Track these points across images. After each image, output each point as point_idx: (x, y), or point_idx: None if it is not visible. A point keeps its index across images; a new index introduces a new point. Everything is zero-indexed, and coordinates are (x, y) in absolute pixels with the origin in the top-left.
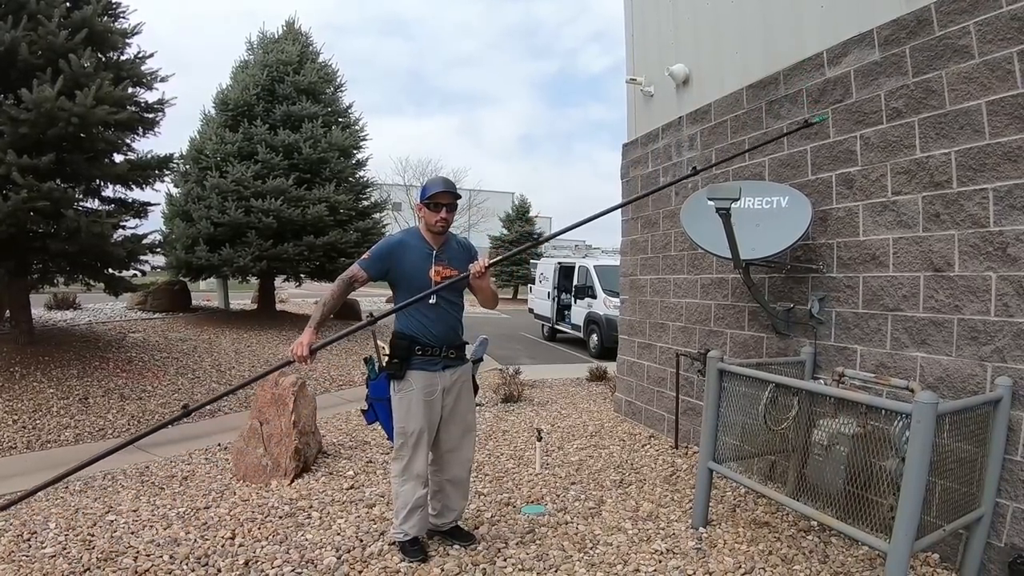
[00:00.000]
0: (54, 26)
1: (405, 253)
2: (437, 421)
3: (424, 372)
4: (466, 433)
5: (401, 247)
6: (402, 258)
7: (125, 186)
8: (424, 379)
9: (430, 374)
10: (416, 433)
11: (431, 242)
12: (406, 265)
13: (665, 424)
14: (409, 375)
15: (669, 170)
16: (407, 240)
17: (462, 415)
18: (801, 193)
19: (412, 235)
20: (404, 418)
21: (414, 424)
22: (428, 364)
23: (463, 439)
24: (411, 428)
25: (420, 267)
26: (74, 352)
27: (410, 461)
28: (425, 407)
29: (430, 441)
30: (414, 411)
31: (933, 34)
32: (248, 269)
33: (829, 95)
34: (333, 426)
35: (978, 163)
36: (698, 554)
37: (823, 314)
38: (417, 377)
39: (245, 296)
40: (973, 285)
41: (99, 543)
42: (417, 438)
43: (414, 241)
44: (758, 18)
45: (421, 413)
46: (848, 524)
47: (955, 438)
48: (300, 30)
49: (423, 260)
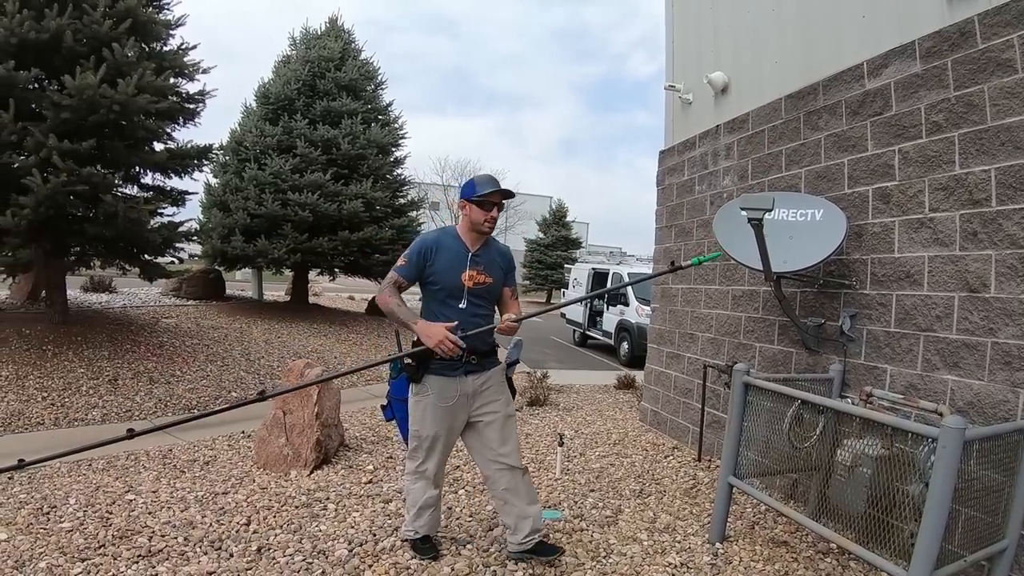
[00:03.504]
0: (99, 15)
1: (440, 253)
2: (459, 427)
3: (442, 377)
4: (507, 439)
5: (436, 246)
6: (436, 258)
7: (164, 174)
8: (441, 384)
9: (448, 380)
10: (430, 438)
11: (469, 244)
12: (439, 266)
13: (689, 436)
14: (426, 379)
15: (705, 179)
16: (442, 239)
17: (498, 420)
18: (836, 207)
19: (448, 235)
20: (419, 422)
21: (428, 429)
22: (447, 369)
23: (505, 445)
24: (425, 433)
25: (454, 269)
26: (106, 334)
27: (424, 462)
28: (441, 413)
29: (447, 446)
30: (429, 416)
31: (976, 47)
32: (282, 261)
33: (868, 107)
34: (357, 420)
35: (1018, 181)
36: (712, 570)
37: (854, 331)
38: (434, 382)
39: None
40: (1009, 308)
41: (116, 521)
42: (431, 443)
43: (450, 241)
44: (798, 27)
45: (435, 419)
46: (866, 549)
47: (982, 466)
48: (343, 27)
49: (458, 262)
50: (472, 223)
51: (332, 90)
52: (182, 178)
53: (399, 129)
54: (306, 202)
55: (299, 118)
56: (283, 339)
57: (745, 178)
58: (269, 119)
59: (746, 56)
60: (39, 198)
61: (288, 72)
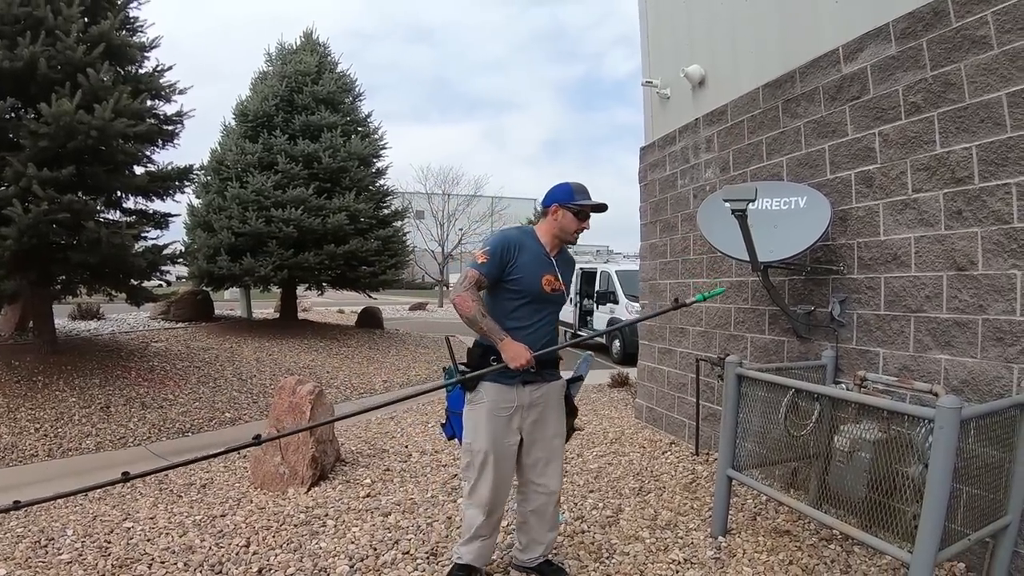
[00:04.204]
0: (72, 41)
1: (523, 252)
2: (513, 445)
3: (497, 385)
4: (552, 461)
5: (520, 245)
6: (519, 256)
7: (146, 197)
8: (497, 392)
9: (506, 388)
10: (483, 453)
11: (548, 247)
12: (522, 265)
13: (686, 430)
14: (481, 386)
15: (687, 172)
16: (524, 239)
17: (547, 440)
18: (819, 193)
19: (529, 235)
20: (472, 434)
21: (481, 442)
22: (503, 377)
23: (548, 467)
24: (477, 446)
25: (535, 271)
26: (96, 361)
27: (476, 484)
28: (495, 424)
29: (501, 468)
30: (482, 427)
31: (950, 26)
32: (269, 278)
33: (846, 92)
34: (352, 434)
35: (1000, 157)
36: (716, 564)
37: (844, 316)
38: (489, 389)
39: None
40: (998, 284)
41: (115, 550)
42: (484, 458)
43: (531, 242)
44: (773, 16)
45: (490, 430)
46: (869, 534)
47: (981, 443)
48: (318, 40)
49: (540, 265)
50: (561, 229)
51: (310, 104)
52: (164, 200)
53: (379, 140)
54: (290, 218)
55: (279, 134)
56: (274, 356)
57: (727, 169)
58: (249, 136)
59: (722, 47)
60: (21, 228)
61: (265, 88)
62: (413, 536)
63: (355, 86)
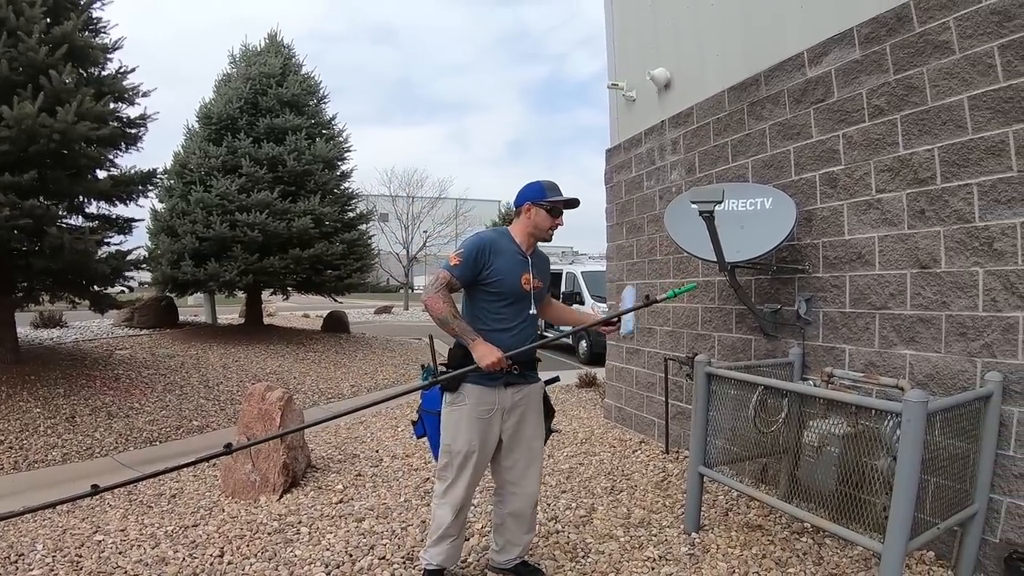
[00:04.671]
0: (34, 42)
1: (498, 254)
2: (493, 445)
3: (480, 387)
4: (531, 463)
5: (494, 246)
6: (495, 259)
7: (108, 202)
8: (479, 394)
9: (487, 390)
10: (463, 454)
11: (523, 247)
12: (498, 268)
13: (655, 429)
14: (463, 388)
15: (653, 174)
16: (499, 240)
17: (526, 441)
18: (785, 194)
19: (503, 236)
20: (452, 435)
21: (461, 443)
22: (485, 379)
23: (527, 470)
24: (457, 447)
25: (514, 271)
26: (60, 370)
27: (452, 484)
28: (477, 425)
29: (478, 467)
30: (464, 429)
31: (913, 30)
32: (234, 283)
33: (811, 95)
34: (322, 439)
35: (961, 158)
36: (691, 560)
37: (810, 314)
38: (472, 391)
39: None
40: (960, 281)
41: (87, 564)
42: (464, 459)
43: (506, 242)
44: (739, 19)
45: (470, 432)
46: (840, 525)
47: (947, 435)
48: (283, 42)
49: (517, 265)
50: (536, 227)
51: (275, 107)
52: (127, 205)
53: (344, 143)
54: (255, 222)
55: (243, 137)
56: (240, 363)
57: (693, 171)
58: (212, 140)
59: (688, 51)
60: None
61: (229, 91)
62: (388, 541)
63: (319, 88)
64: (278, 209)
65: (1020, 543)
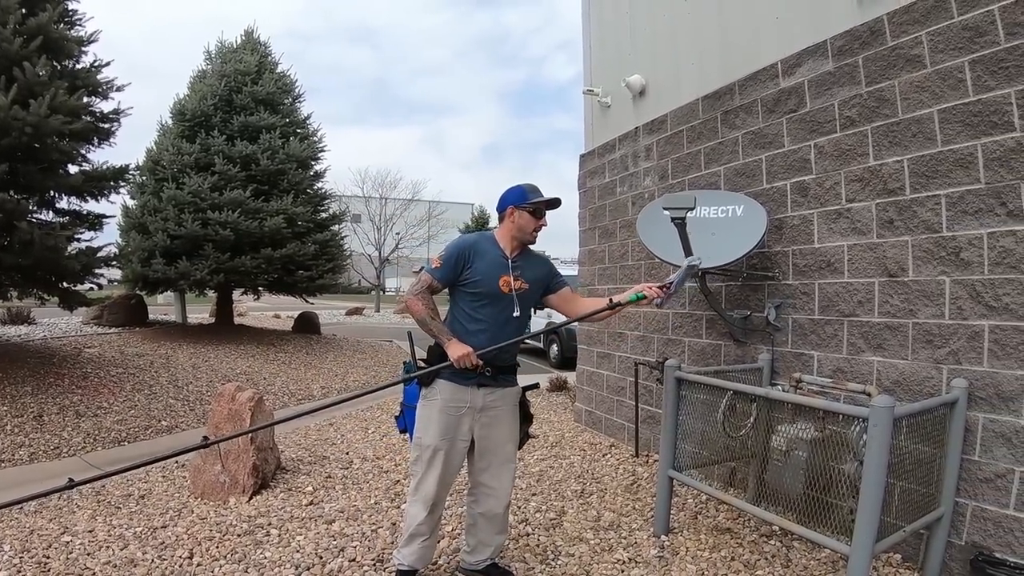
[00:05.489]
0: (9, 32)
1: (478, 256)
2: (463, 443)
3: (452, 384)
4: (504, 465)
5: (475, 249)
6: (475, 261)
7: (80, 198)
8: (451, 391)
9: (460, 388)
10: (431, 449)
11: (507, 250)
12: (479, 268)
13: (625, 433)
14: (436, 383)
15: (626, 180)
16: (480, 243)
17: (500, 444)
18: (756, 202)
19: (486, 239)
20: (423, 429)
21: (430, 437)
22: (459, 377)
23: (501, 471)
24: (426, 441)
25: (492, 274)
26: (28, 368)
27: (422, 480)
28: (446, 421)
29: (448, 465)
30: (433, 423)
31: (886, 44)
32: (205, 282)
33: (784, 105)
34: (292, 441)
35: (931, 170)
36: (660, 562)
37: (780, 321)
38: (444, 387)
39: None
40: (927, 290)
41: (54, 565)
42: (432, 455)
43: (488, 245)
44: (715, 29)
45: (441, 426)
46: (808, 528)
47: (913, 440)
48: (259, 40)
49: (496, 267)
50: (520, 230)
51: (249, 104)
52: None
53: (318, 142)
54: (227, 220)
55: (216, 134)
56: (210, 363)
57: (665, 178)
58: (186, 136)
59: (663, 58)
60: None
61: (204, 87)
62: (358, 543)
63: (295, 87)
64: (251, 208)
65: (985, 546)
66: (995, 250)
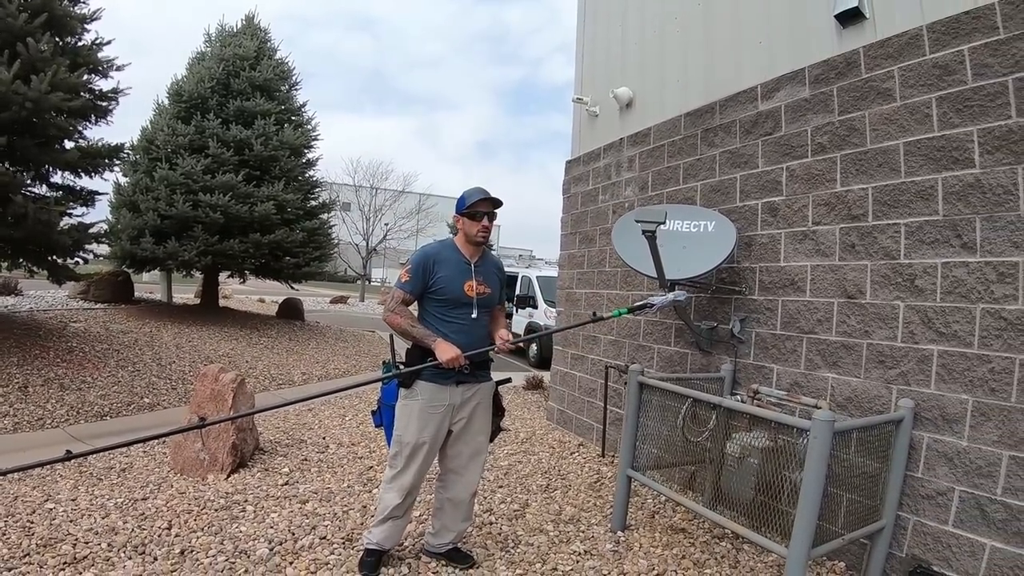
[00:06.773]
0: (14, 8)
1: (441, 264)
2: (441, 438)
3: (433, 384)
4: (475, 456)
5: (438, 258)
6: (438, 269)
7: (74, 173)
8: (432, 392)
9: (439, 387)
10: (412, 445)
11: (468, 255)
12: (443, 275)
13: (594, 433)
14: (417, 384)
15: (608, 189)
16: (443, 251)
17: (472, 435)
18: (727, 218)
19: (448, 247)
20: (403, 427)
21: (411, 436)
22: (438, 377)
23: (471, 461)
24: (407, 439)
25: (456, 280)
26: (15, 339)
27: (401, 472)
28: (427, 420)
29: (427, 458)
30: (414, 422)
31: (860, 76)
32: (193, 263)
33: (760, 127)
34: (271, 424)
35: (893, 199)
36: (614, 556)
37: (744, 334)
38: (424, 388)
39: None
40: (883, 312)
41: (38, 530)
42: (412, 450)
43: (450, 253)
44: (701, 49)
45: (421, 425)
46: (754, 531)
47: (860, 454)
48: (259, 25)
49: (460, 273)
50: (467, 234)
51: (246, 90)
52: (92, 178)
53: (312, 131)
54: (217, 203)
55: (212, 117)
56: (194, 343)
57: (646, 189)
58: (181, 117)
59: (651, 74)
60: None
61: (202, 69)
62: (330, 523)
63: (292, 75)
64: (241, 192)
65: (925, 559)
66: (948, 279)
